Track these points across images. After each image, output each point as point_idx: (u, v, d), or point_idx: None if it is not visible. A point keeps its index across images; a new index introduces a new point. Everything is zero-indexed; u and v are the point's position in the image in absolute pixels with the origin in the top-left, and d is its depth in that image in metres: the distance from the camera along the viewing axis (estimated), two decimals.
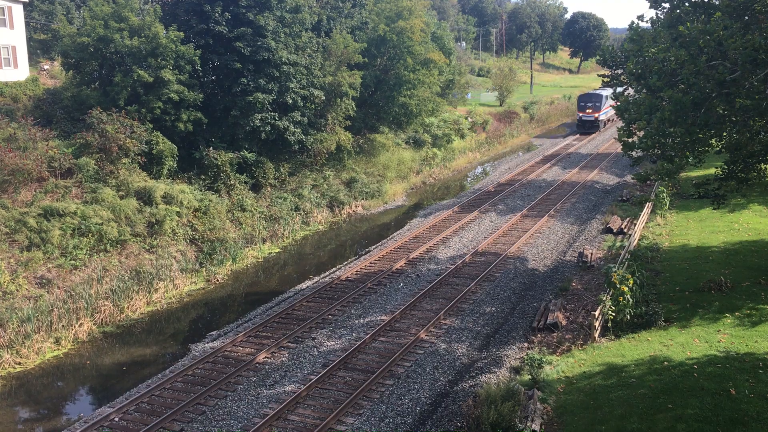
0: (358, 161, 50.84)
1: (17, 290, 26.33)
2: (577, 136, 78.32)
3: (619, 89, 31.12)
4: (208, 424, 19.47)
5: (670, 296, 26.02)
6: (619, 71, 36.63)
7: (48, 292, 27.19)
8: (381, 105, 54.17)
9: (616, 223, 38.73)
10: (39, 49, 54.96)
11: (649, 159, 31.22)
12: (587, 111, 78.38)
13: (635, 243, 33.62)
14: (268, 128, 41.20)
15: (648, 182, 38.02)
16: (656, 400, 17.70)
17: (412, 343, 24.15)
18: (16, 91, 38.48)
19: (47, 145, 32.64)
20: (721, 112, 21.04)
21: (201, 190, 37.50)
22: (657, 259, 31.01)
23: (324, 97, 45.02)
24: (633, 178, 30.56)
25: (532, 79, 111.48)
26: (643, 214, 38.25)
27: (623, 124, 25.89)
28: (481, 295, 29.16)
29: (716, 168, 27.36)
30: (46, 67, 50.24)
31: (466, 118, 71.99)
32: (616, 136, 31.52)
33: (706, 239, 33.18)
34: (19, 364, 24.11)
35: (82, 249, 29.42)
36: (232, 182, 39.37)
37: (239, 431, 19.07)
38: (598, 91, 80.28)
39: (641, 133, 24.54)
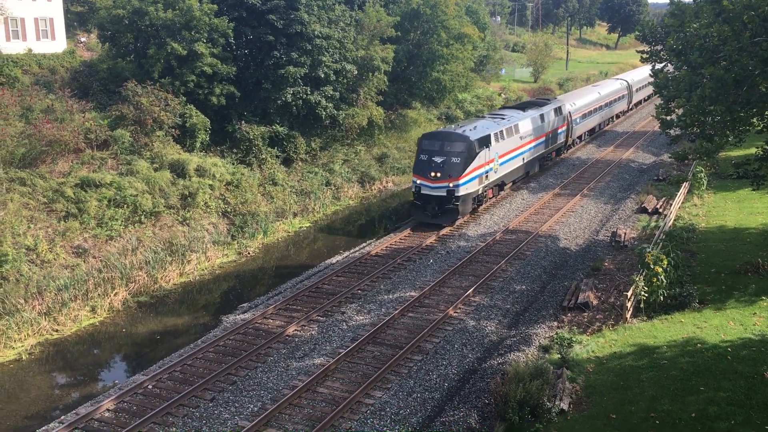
0: (390, 136, 50.64)
1: (54, 259, 26.90)
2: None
3: (659, 66, 30.40)
4: (238, 394, 19.78)
5: (705, 278, 25.59)
6: (659, 47, 35.84)
7: (84, 262, 27.74)
8: (413, 80, 53.71)
9: (651, 202, 38.10)
10: (76, 21, 55.47)
11: (688, 138, 30.54)
12: (431, 176, 34.49)
13: (671, 223, 33.07)
14: (300, 102, 41.19)
15: (686, 161, 37.32)
16: (688, 382, 17.50)
17: (440, 319, 24.16)
18: (54, 63, 38.98)
19: (84, 117, 33.07)
20: (763, 90, 20.45)
21: (233, 164, 37.75)
22: (693, 240, 30.48)
23: (356, 72, 44.78)
24: (670, 157, 29.96)
25: (568, 54, 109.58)
26: (679, 194, 37.57)
27: (662, 102, 25.32)
28: (512, 273, 29.00)
29: (757, 148, 26.66)
30: (82, 39, 50.74)
31: (499, 95, 71.16)
32: (654, 114, 30.84)
33: (744, 221, 32.49)
34: (56, 331, 24.72)
35: (117, 220, 29.89)
36: (264, 156, 39.54)
37: (269, 402, 19.34)
38: (464, 129, 36.11)
39: (680, 111, 23.99)
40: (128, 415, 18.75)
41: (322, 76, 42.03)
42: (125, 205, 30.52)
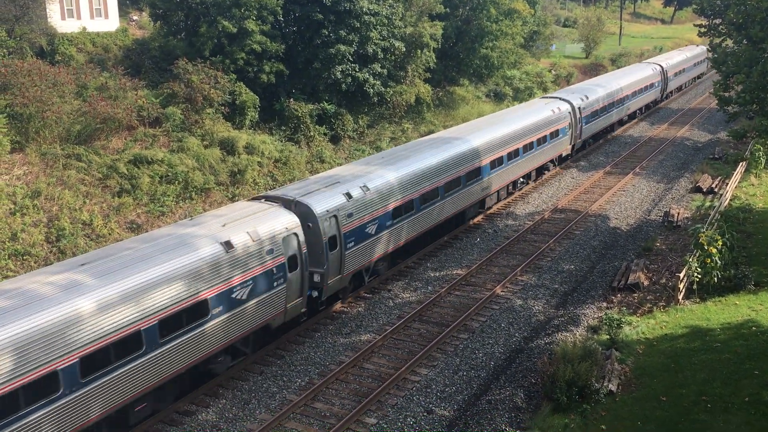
0: (437, 114, 50.29)
1: (109, 234, 27.63)
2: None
3: (717, 40, 29.41)
4: (286, 368, 20.12)
5: (761, 259, 24.88)
6: (718, 21, 34.59)
7: None
8: (461, 57, 53.04)
9: (706, 182, 37.06)
10: (128, 0, 56.35)
11: (746, 115, 29.58)
12: None
13: (726, 203, 32.16)
14: (349, 80, 41.17)
15: (743, 140, 36.13)
16: (742, 366, 17.11)
17: (487, 298, 24.07)
18: (107, 41, 39.74)
19: (136, 95, 33.70)
20: None
21: (281, 141, 38.06)
22: (749, 221, 29.60)
23: (404, 49, 44.47)
24: (727, 135, 29.09)
25: (621, 29, 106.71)
26: (736, 173, 36.45)
27: (720, 78, 24.53)
28: (560, 252, 28.65)
29: None
30: (134, 17, 51.56)
31: (549, 71, 69.84)
32: (712, 91, 29.91)
33: None
34: None
35: (169, 196, 30.52)
36: (312, 134, 39.74)
37: (317, 377, 19.62)
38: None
39: (739, 88, 23.21)
40: None
41: (370, 53, 41.88)
42: (176, 182, 31.11)
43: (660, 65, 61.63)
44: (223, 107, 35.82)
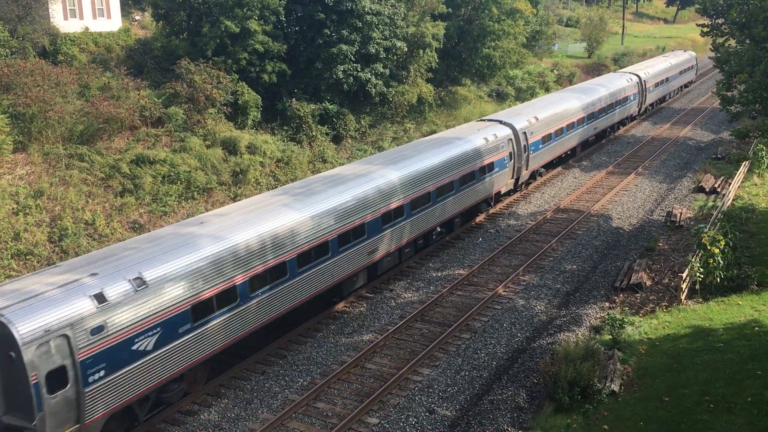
0: (439, 114, 50.27)
1: (112, 233, 27.66)
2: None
3: (720, 40, 29.36)
4: (288, 368, 20.12)
5: (764, 259, 24.82)
6: (720, 20, 34.51)
7: None
8: (464, 57, 53.02)
9: (708, 181, 37.00)
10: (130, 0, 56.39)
11: (749, 115, 29.52)
12: None
13: (729, 203, 32.09)
14: (351, 80, 41.17)
15: (746, 139, 36.07)
16: (744, 366, 17.07)
17: (489, 298, 24.05)
18: (110, 41, 39.78)
19: (139, 95, 33.72)
20: None
21: (283, 141, 38.06)
22: (752, 221, 29.53)
23: (406, 49, 44.46)
24: (730, 135, 29.02)
25: (623, 29, 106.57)
26: (738, 173, 36.37)
27: (722, 77, 24.49)
28: (562, 252, 28.62)
29: None
30: (137, 17, 51.60)
31: (551, 71, 69.76)
32: (714, 90, 29.86)
33: None
34: None
35: (171, 196, 30.53)
36: (314, 133, 39.74)
37: (319, 376, 19.62)
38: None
39: (742, 87, 23.16)
40: None
41: (373, 53, 41.87)
42: (179, 182, 31.13)
43: (637, 75, 54.04)
44: (225, 107, 35.83)
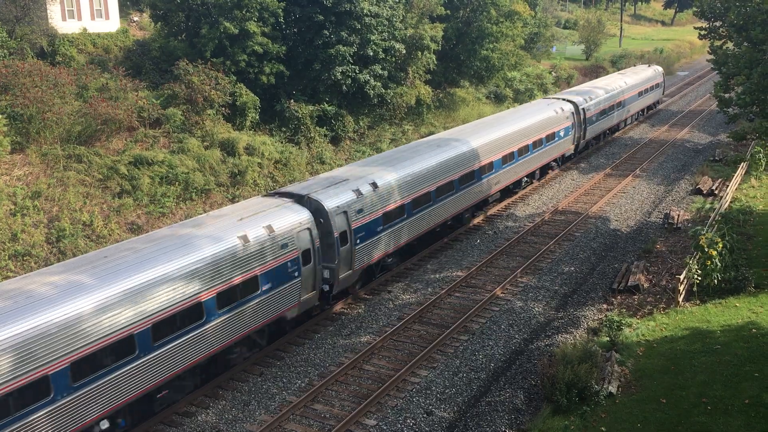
0: (438, 115, 50.30)
1: (109, 234, 27.64)
2: (668, 91, 74.15)
3: (718, 43, 29.43)
4: (286, 370, 20.11)
5: (762, 261, 24.84)
6: (718, 23, 34.59)
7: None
8: (462, 58, 53.04)
9: (706, 184, 37.05)
10: (129, 0, 56.39)
11: (747, 117, 29.55)
12: None
13: (726, 205, 32.13)
14: (349, 81, 41.19)
15: (744, 141, 36.13)
16: (742, 368, 17.08)
17: (487, 299, 24.06)
18: (108, 42, 39.76)
19: (137, 96, 33.70)
20: None
21: (282, 142, 38.06)
22: (749, 223, 29.57)
23: (405, 50, 44.49)
24: (728, 137, 29.07)
25: (621, 31, 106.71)
26: (736, 175, 36.43)
27: (720, 79, 24.54)
28: (560, 254, 28.64)
29: None
30: (135, 18, 51.58)
31: (549, 73, 69.85)
32: (712, 92, 29.91)
33: None
34: None
35: (169, 197, 30.51)
36: (312, 135, 39.75)
37: (317, 378, 19.61)
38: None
39: (739, 89, 23.21)
40: None
41: (371, 54, 41.90)
42: (177, 183, 31.11)
43: (573, 103, 41.61)
44: (223, 108, 35.82)
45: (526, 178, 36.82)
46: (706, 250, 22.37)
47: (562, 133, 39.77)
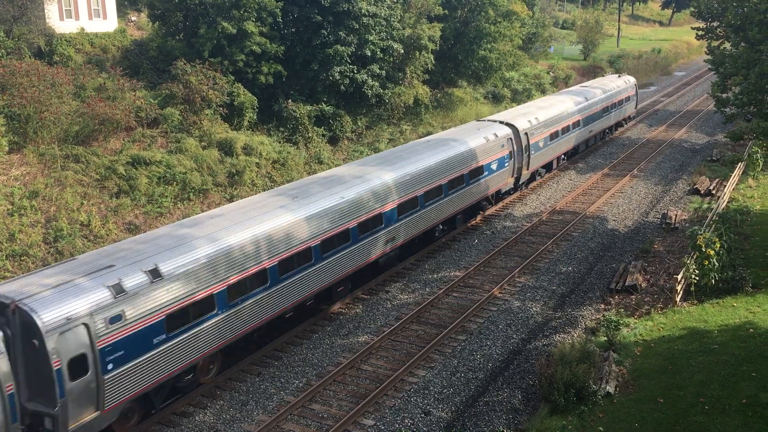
0: (436, 115, 50.31)
1: (107, 235, 27.60)
2: (665, 92, 74.42)
3: (715, 43, 29.47)
4: (284, 370, 20.10)
5: (759, 261, 24.88)
6: (716, 24, 34.64)
7: None
8: (460, 58, 53.09)
9: (703, 184, 37.10)
10: (126, 0, 56.32)
11: (744, 117, 29.59)
12: None
13: (724, 205, 32.18)
14: (347, 81, 41.18)
15: (741, 141, 36.18)
16: (739, 368, 17.11)
17: (485, 299, 24.07)
18: (105, 41, 39.71)
19: (135, 96, 33.66)
20: None
21: (279, 142, 38.04)
22: (747, 223, 29.61)
23: (402, 50, 44.51)
24: (725, 137, 29.12)
25: (619, 31, 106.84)
26: (733, 175, 36.49)
27: (718, 79, 24.57)
28: (558, 254, 28.66)
29: None
30: (133, 18, 51.53)
31: (547, 73, 69.90)
32: (710, 92, 29.94)
33: None
34: None
35: (167, 197, 30.48)
36: (310, 135, 39.74)
37: (315, 378, 19.61)
38: None
39: (737, 89, 23.23)
40: None
41: (369, 54, 41.90)
42: (174, 183, 31.07)
43: (512, 126, 34.54)
44: (221, 108, 35.78)
45: (441, 226, 29.49)
46: (704, 250, 22.39)
47: (494, 166, 32.16)
